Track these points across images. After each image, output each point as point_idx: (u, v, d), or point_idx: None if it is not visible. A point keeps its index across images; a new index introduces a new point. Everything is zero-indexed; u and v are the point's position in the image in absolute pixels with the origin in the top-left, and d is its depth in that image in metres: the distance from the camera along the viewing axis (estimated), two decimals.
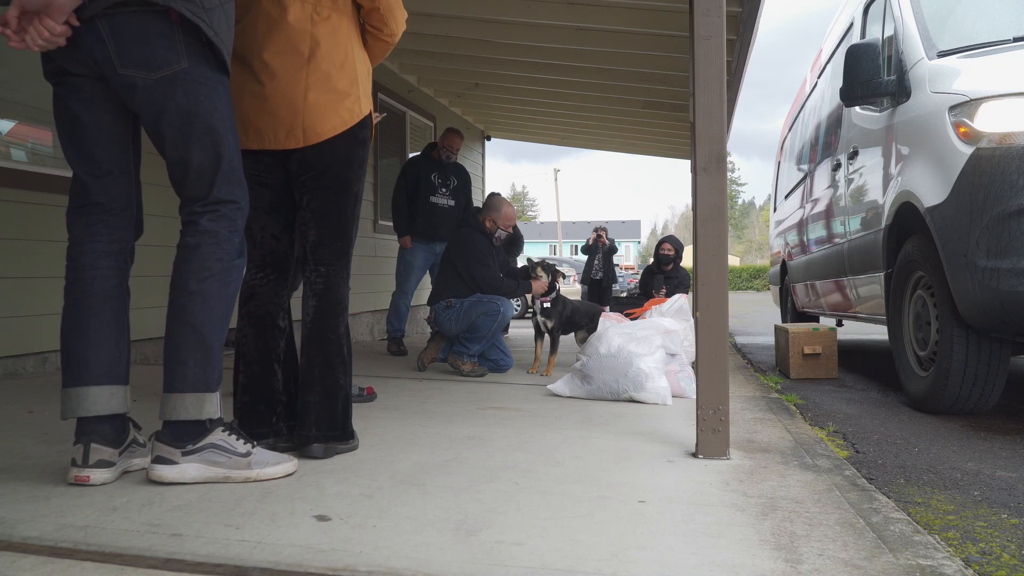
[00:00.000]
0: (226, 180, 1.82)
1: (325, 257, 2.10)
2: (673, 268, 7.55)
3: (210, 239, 1.80)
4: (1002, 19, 3.37)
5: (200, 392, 1.76)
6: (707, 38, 2.14)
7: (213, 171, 1.80)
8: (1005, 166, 2.68)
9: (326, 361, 2.07)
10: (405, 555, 1.35)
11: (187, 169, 1.78)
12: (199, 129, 1.76)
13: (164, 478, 1.75)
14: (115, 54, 1.67)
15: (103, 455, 1.76)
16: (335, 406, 2.08)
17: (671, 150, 9.90)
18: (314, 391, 2.06)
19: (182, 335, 1.76)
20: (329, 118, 2.02)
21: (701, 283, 2.15)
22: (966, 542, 1.69)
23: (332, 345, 2.08)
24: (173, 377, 1.76)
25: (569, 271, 15.10)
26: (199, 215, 1.81)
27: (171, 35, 1.70)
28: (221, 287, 1.80)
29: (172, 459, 1.75)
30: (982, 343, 3.00)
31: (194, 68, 1.74)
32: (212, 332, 1.78)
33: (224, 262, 1.81)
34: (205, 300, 1.77)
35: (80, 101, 1.76)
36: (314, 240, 2.09)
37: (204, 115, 1.76)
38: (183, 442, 1.76)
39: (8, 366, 3.62)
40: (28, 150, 3.79)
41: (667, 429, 2.56)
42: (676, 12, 4.80)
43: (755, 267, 40.02)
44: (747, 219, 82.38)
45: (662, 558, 1.36)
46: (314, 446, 2.03)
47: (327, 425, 2.06)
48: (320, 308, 2.09)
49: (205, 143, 1.77)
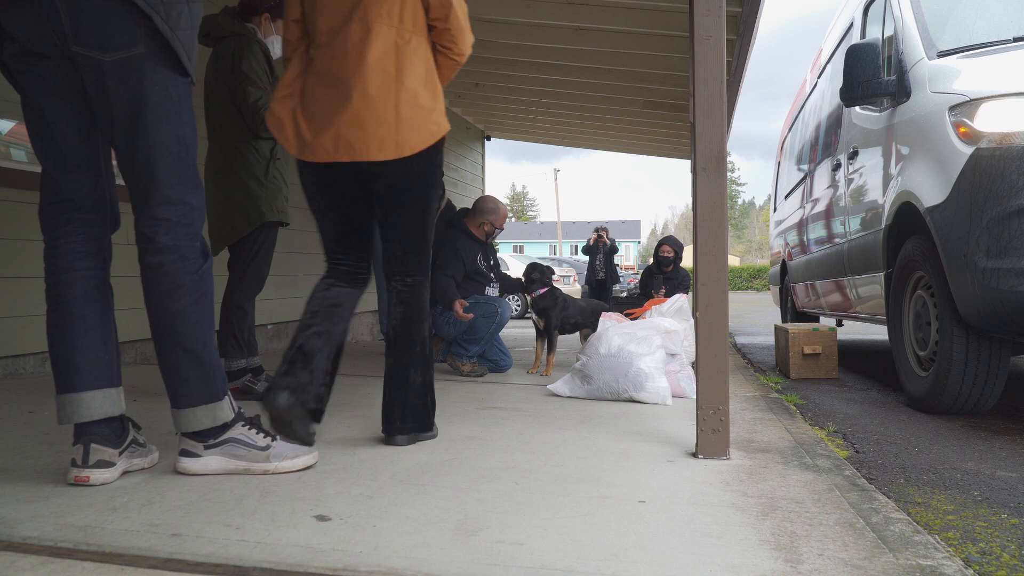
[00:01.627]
0: (176, 177, 1.75)
1: (411, 269, 2.28)
2: (673, 269, 7.56)
3: (171, 255, 1.76)
4: (1002, 19, 3.37)
5: (208, 403, 1.82)
6: (707, 38, 2.14)
7: (161, 164, 1.73)
8: (1005, 166, 2.68)
9: (412, 361, 2.25)
10: (405, 555, 1.35)
11: (134, 160, 1.72)
12: (151, 119, 1.70)
13: (188, 470, 1.83)
14: (70, 30, 1.62)
15: (103, 455, 1.77)
16: (418, 401, 2.27)
17: (671, 150, 9.90)
18: (401, 388, 2.25)
19: (176, 357, 1.79)
20: (419, 131, 2.12)
21: (701, 283, 2.15)
22: (966, 542, 1.69)
23: (417, 347, 2.27)
24: (179, 395, 1.81)
25: (569, 271, 15.08)
26: (154, 228, 1.76)
27: (131, 18, 1.65)
28: (197, 299, 1.79)
29: (196, 452, 1.84)
30: (982, 343, 3.00)
31: (151, 55, 1.68)
32: (204, 345, 1.80)
33: (193, 274, 1.79)
34: (186, 318, 1.77)
35: (43, 94, 1.72)
36: (400, 255, 2.27)
37: (157, 105, 1.70)
38: (205, 438, 1.84)
39: (8, 366, 3.62)
40: (28, 150, 3.78)
41: (667, 429, 2.56)
42: (676, 12, 4.80)
43: (755, 267, 40.01)
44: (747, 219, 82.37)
45: (662, 558, 1.36)
46: (399, 437, 2.23)
47: (412, 418, 2.25)
48: (407, 314, 2.27)
49: (156, 134, 1.71)
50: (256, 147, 3.09)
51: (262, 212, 3.07)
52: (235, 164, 3.06)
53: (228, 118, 3.04)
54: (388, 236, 2.27)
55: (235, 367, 3.11)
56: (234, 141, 3.06)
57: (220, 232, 3.10)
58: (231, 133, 3.05)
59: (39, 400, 2.99)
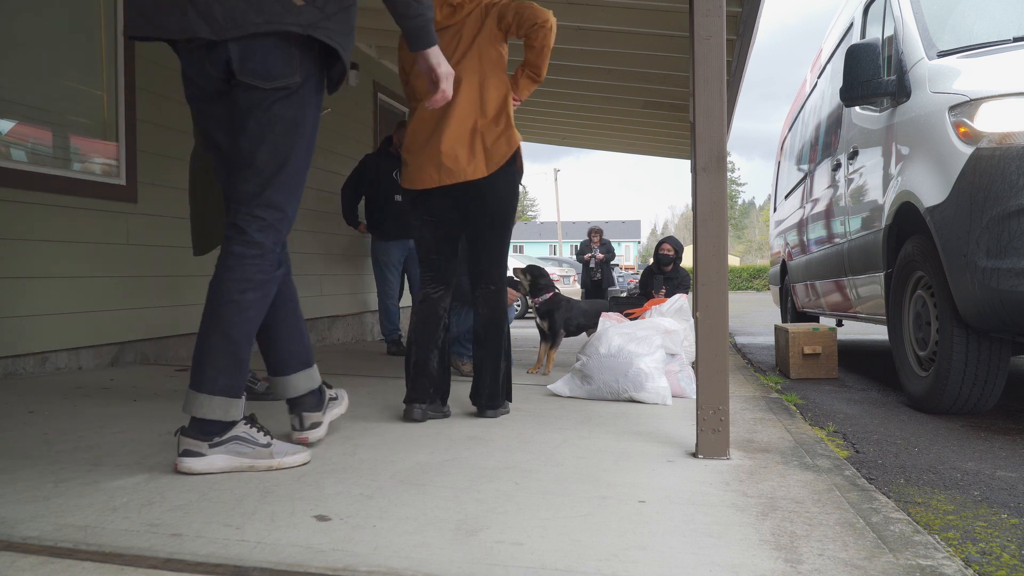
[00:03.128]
0: (282, 186, 1.93)
1: (494, 278, 2.77)
2: (673, 268, 7.55)
3: (255, 251, 1.90)
4: (1002, 19, 3.37)
5: (228, 397, 1.87)
6: (707, 38, 2.14)
7: (273, 172, 1.91)
8: (1005, 166, 2.68)
9: (496, 353, 2.76)
10: (405, 555, 1.35)
11: (252, 163, 1.90)
12: (278, 132, 1.90)
13: (193, 469, 1.85)
14: (237, 64, 1.85)
15: (314, 419, 2.17)
16: (502, 384, 2.78)
17: (671, 150, 9.90)
18: (486, 374, 2.75)
19: (218, 343, 1.86)
20: (501, 147, 2.61)
21: (701, 283, 2.15)
22: (966, 542, 1.69)
23: (501, 340, 2.77)
24: (204, 379, 1.85)
25: (569, 271, 15.07)
26: (249, 223, 1.91)
27: (290, 52, 1.87)
28: (260, 298, 1.91)
29: (200, 451, 1.86)
30: (982, 343, 3.00)
31: (308, 85, 1.92)
32: (245, 343, 1.90)
33: (266, 273, 1.92)
34: (242, 311, 1.88)
35: (220, 131, 1.98)
36: (485, 267, 2.76)
37: (289, 122, 1.91)
38: (209, 436, 1.87)
39: (8, 366, 3.62)
40: (28, 150, 3.79)
41: (667, 429, 2.56)
42: (676, 12, 4.80)
43: (755, 267, 40.01)
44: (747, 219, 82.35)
45: (662, 558, 1.36)
46: (488, 411, 2.75)
47: (495, 396, 2.76)
48: (491, 315, 2.75)
49: (279, 146, 1.90)
50: None
51: None
52: None
53: None
54: (475, 249, 2.75)
55: None
56: None
57: (214, 231, 3.10)
58: None
59: (39, 400, 2.99)
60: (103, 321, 4.12)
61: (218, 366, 1.85)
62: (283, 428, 2.53)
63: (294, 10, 1.83)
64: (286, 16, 1.82)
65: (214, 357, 1.85)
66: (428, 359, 2.70)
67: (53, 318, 3.82)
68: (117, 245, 4.23)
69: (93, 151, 4.17)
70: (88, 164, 4.13)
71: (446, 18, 2.65)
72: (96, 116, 4.17)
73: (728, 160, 8.49)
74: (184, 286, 4.67)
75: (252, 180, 1.90)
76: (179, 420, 2.61)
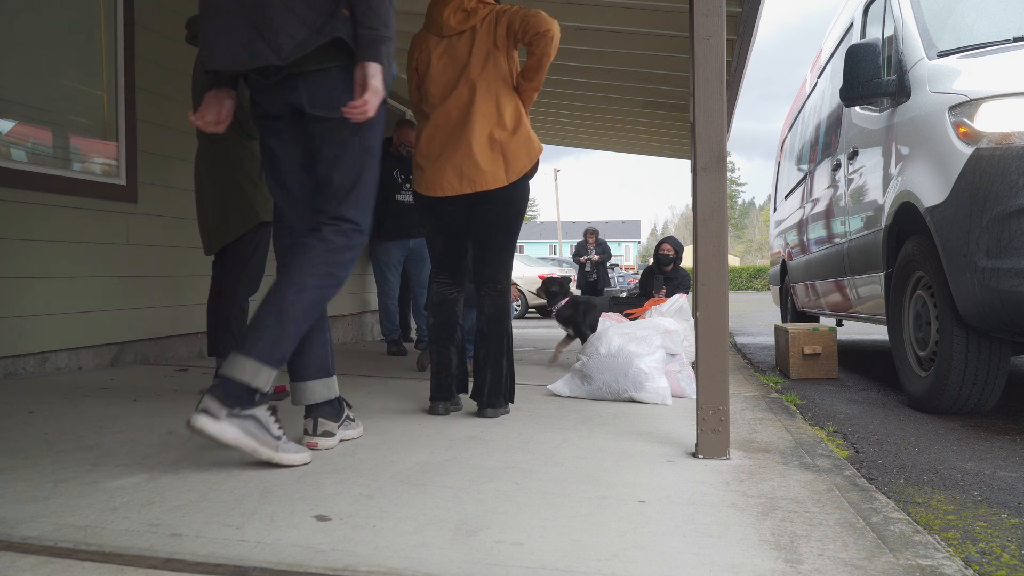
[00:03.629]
0: (355, 203, 2.10)
1: (499, 279, 2.82)
2: (673, 268, 7.55)
3: (325, 245, 2.04)
4: (1002, 19, 3.37)
5: (261, 363, 1.89)
6: (707, 38, 2.14)
7: (347, 192, 2.09)
8: (1005, 166, 2.68)
9: (499, 351, 2.78)
10: (405, 555, 1.35)
11: (328, 185, 2.09)
12: (350, 156, 2.08)
13: (204, 429, 1.80)
14: (307, 100, 2.04)
15: (327, 427, 2.20)
16: (505, 382, 2.80)
17: (671, 150, 9.90)
18: (488, 372, 2.77)
19: (269, 313, 1.94)
20: (522, 158, 2.68)
21: (701, 283, 2.15)
22: (966, 542, 1.69)
23: (504, 339, 2.80)
24: (248, 341, 1.92)
25: (569, 271, 15.06)
26: (324, 225, 2.07)
27: (350, 84, 2.03)
28: (319, 287, 2.01)
29: (215, 414, 1.83)
30: (982, 343, 3.00)
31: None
32: (294, 320, 1.95)
33: (330, 266, 2.03)
34: (301, 292, 1.97)
35: (278, 142, 2.15)
36: (492, 270, 2.81)
37: (359, 147, 2.09)
38: (231, 404, 1.85)
39: (8, 366, 3.62)
40: (28, 150, 3.79)
41: (667, 429, 2.56)
42: (676, 12, 4.80)
43: (755, 267, 40.00)
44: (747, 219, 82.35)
45: (662, 558, 1.36)
46: (488, 410, 2.75)
47: (496, 395, 2.76)
48: (495, 314, 2.79)
49: (351, 168, 2.09)
50: (249, 147, 3.10)
51: (257, 212, 3.09)
52: (229, 164, 3.07)
53: None
54: (482, 251, 2.81)
55: None
56: (227, 141, 3.07)
57: (217, 231, 3.11)
58: (225, 134, 3.06)
59: (39, 400, 2.99)
60: (103, 321, 4.11)
61: (261, 333, 1.91)
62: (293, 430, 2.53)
63: (343, 19, 1.99)
64: (337, 25, 1.98)
65: (261, 325, 1.93)
66: (450, 358, 2.85)
67: (53, 318, 3.82)
68: (117, 245, 4.23)
69: (93, 151, 4.17)
70: (88, 164, 4.13)
71: (460, 23, 2.70)
72: (96, 116, 4.17)
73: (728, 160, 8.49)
74: (184, 286, 4.67)
75: (330, 199, 2.08)
76: (179, 420, 2.61)
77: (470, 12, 2.69)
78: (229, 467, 1.96)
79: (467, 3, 2.69)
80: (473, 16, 2.69)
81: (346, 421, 2.32)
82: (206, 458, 2.05)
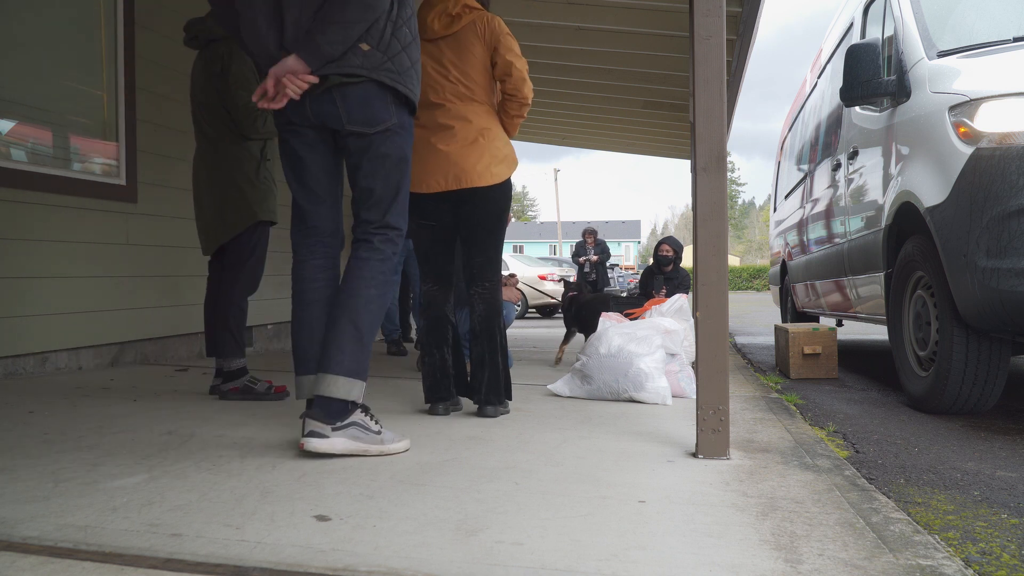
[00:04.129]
0: (398, 210, 2.26)
1: (488, 275, 2.82)
2: (673, 269, 7.55)
3: (379, 256, 2.20)
4: (1002, 19, 3.37)
5: (351, 378, 2.08)
6: (707, 38, 2.14)
7: (390, 201, 2.23)
8: (1005, 166, 2.68)
9: (492, 348, 2.78)
10: (405, 555, 1.35)
11: (371, 196, 2.21)
12: (389, 167, 2.21)
13: (318, 449, 2.01)
14: (344, 115, 2.13)
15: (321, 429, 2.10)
16: (501, 379, 2.80)
17: (671, 150, 9.90)
18: (484, 370, 2.78)
19: (345, 330, 2.10)
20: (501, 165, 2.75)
21: (701, 283, 2.15)
22: (966, 542, 1.69)
23: (498, 336, 2.80)
24: (331, 361, 2.08)
25: (568, 271, 15.06)
26: (372, 235, 2.21)
27: (385, 97, 2.16)
28: (380, 295, 2.18)
29: (324, 433, 2.03)
30: (982, 343, 3.00)
31: (400, 121, 2.22)
32: (368, 331, 2.14)
33: (386, 275, 2.21)
34: (368, 304, 2.15)
35: (304, 145, 2.22)
36: (480, 265, 2.82)
37: (396, 158, 2.22)
38: (332, 419, 2.04)
39: (8, 366, 3.62)
40: (28, 150, 3.79)
41: (667, 429, 2.56)
42: (676, 12, 4.81)
43: (755, 267, 40.01)
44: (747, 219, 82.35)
45: (662, 558, 1.36)
46: (487, 408, 2.76)
47: (494, 393, 2.77)
48: (487, 311, 2.80)
49: (391, 179, 2.22)
50: (247, 148, 3.10)
51: (254, 212, 3.09)
52: (227, 165, 3.07)
53: (218, 120, 3.06)
54: (470, 249, 2.82)
55: (235, 366, 3.12)
56: (225, 142, 3.07)
57: (215, 231, 3.12)
58: (221, 134, 3.07)
59: (39, 400, 2.99)
60: (103, 321, 4.12)
61: (344, 349, 2.08)
62: (294, 430, 2.54)
63: (361, 54, 2.09)
64: (354, 60, 2.08)
65: (341, 342, 2.08)
66: (444, 359, 2.86)
67: (53, 318, 3.82)
68: (117, 245, 4.23)
69: (93, 151, 4.17)
70: (88, 164, 4.13)
71: (444, 28, 2.75)
72: (96, 116, 4.17)
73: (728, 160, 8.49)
74: (184, 286, 4.67)
75: (374, 209, 2.21)
76: (179, 420, 2.61)
77: (454, 17, 2.74)
78: (229, 467, 1.96)
79: (452, 8, 2.74)
80: (457, 21, 2.74)
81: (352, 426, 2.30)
82: (206, 458, 2.06)
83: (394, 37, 2.15)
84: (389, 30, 2.14)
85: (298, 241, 2.29)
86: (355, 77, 2.10)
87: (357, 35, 2.07)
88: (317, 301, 2.23)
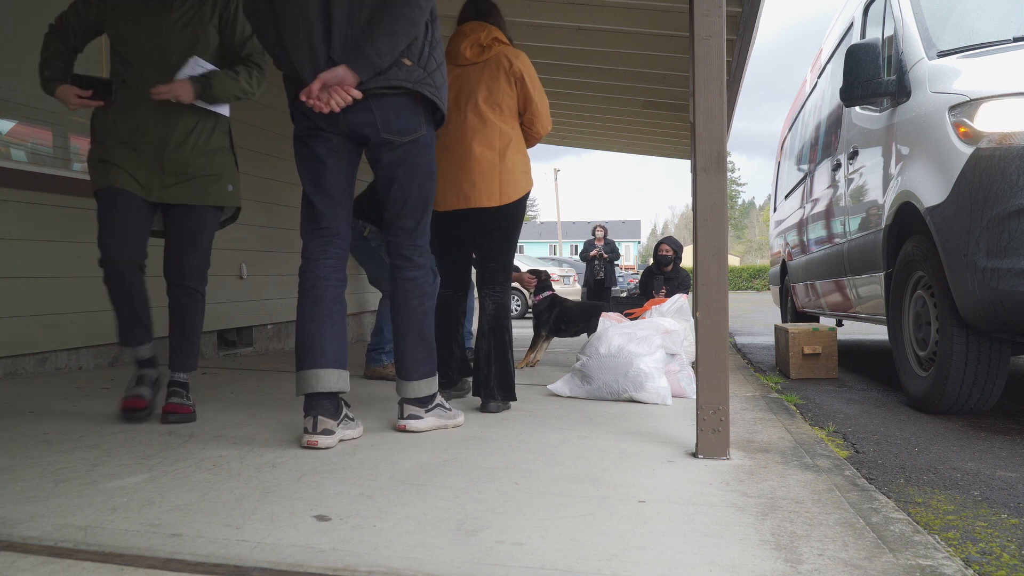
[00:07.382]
0: (428, 218, 2.46)
1: (499, 280, 3.01)
2: (673, 269, 7.56)
3: (423, 272, 2.46)
4: (1003, 19, 3.37)
5: (430, 378, 2.48)
6: (707, 38, 2.14)
7: (423, 210, 2.43)
8: (1005, 166, 2.68)
9: (500, 346, 2.92)
10: (405, 555, 1.35)
11: (404, 206, 2.39)
12: (420, 177, 2.38)
13: (417, 428, 2.44)
14: (380, 123, 2.27)
15: (327, 425, 2.22)
16: (507, 376, 2.92)
17: (671, 150, 9.89)
18: (492, 367, 2.91)
19: (416, 344, 2.44)
20: (516, 186, 2.91)
21: (701, 283, 2.15)
22: (966, 542, 1.69)
23: (506, 335, 2.95)
24: (412, 371, 2.44)
25: (568, 271, 15.06)
26: (412, 251, 2.44)
27: (417, 110, 2.32)
28: (432, 304, 2.49)
29: (419, 415, 2.46)
30: (982, 343, 3.00)
31: (428, 133, 2.38)
32: (431, 337, 2.49)
33: (432, 286, 2.50)
34: (426, 316, 2.46)
35: (328, 150, 2.32)
36: (492, 270, 3.00)
37: (426, 168, 2.39)
38: (424, 405, 2.48)
39: (8, 366, 3.62)
40: (28, 150, 3.79)
41: (667, 429, 2.56)
42: (676, 12, 4.80)
43: (755, 267, 40.01)
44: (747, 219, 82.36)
45: (662, 558, 1.36)
46: (491, 404, 2.88)
47: (501, 389, 2.90)
48: (496, 312, 2.97)
49: (423, 189, 2.40)
50: None
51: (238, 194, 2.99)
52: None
53: None
54: (485, 257, 3.02)
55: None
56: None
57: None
58: None
59: (39, 400, 2.99)
60: (103, 321, 4.11)
61: (419, 359, 2.44)
62: (294, 430, 2.54)
63: (404, 68, 2.24)
64: (399, 73, 2.23)
65: (415, 353, 2.43)
66: (452, 351, 3.08)
67: (53, 318, 3.82)
68: None
69: None
70: None
71: (475, 56, 2.96)
72: None
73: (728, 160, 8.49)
74: None
75: (408, 218, 2.40)
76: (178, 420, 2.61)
77: (485, 47, 2.96)
78: (229, 467, 1.96)
79: (484, 39, 2.95)
80: (487, 51, 2.95)
81: (344, 420, 2.33)
82: (206, 458, 2.06)
83: (431, 56, 2.32)
84: (427, 49, 2.31)
85: (310, 241, 2.37)
86: (397, 89, 2.23)
87: (402, 48, 2.21)
88: (328, 299, 2.32)
